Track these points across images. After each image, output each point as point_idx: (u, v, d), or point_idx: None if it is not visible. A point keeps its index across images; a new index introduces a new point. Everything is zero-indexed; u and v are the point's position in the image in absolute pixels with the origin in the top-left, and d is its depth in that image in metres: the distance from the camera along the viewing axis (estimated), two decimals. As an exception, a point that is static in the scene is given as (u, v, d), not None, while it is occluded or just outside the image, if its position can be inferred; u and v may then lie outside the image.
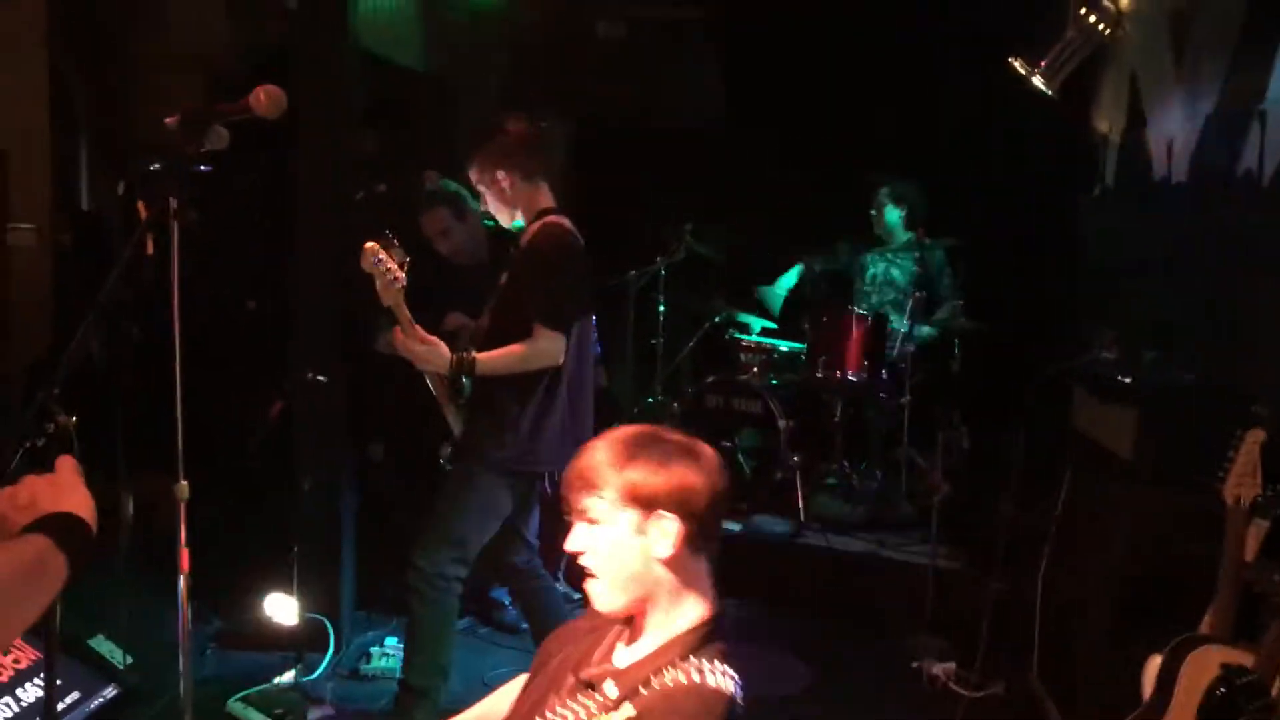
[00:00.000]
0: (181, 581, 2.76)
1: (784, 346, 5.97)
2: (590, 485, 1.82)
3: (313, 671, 4.07)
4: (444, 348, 3.35)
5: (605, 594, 1.86)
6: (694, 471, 1.80)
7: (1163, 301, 4.37)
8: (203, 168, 2.29)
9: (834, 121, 6.04)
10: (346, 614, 4.31)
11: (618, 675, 1.81)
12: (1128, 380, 3.41)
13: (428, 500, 3.61)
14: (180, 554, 2.71)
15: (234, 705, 3.79)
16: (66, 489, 1.48)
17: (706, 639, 1.81)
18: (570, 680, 1.89)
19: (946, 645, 4.29)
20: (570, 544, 1.86)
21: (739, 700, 1.77)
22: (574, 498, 1.85)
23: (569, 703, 1.84)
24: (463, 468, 3.54)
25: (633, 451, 1.82)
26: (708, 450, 1.86)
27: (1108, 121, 5.42)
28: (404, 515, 4.32)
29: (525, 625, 4.10)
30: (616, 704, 1.77)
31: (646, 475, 1.80)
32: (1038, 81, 5.04)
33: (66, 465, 1.54)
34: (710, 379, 5.79)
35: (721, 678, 1.76)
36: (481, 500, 3.50)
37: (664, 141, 6.52)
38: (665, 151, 6.48)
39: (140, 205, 2.12)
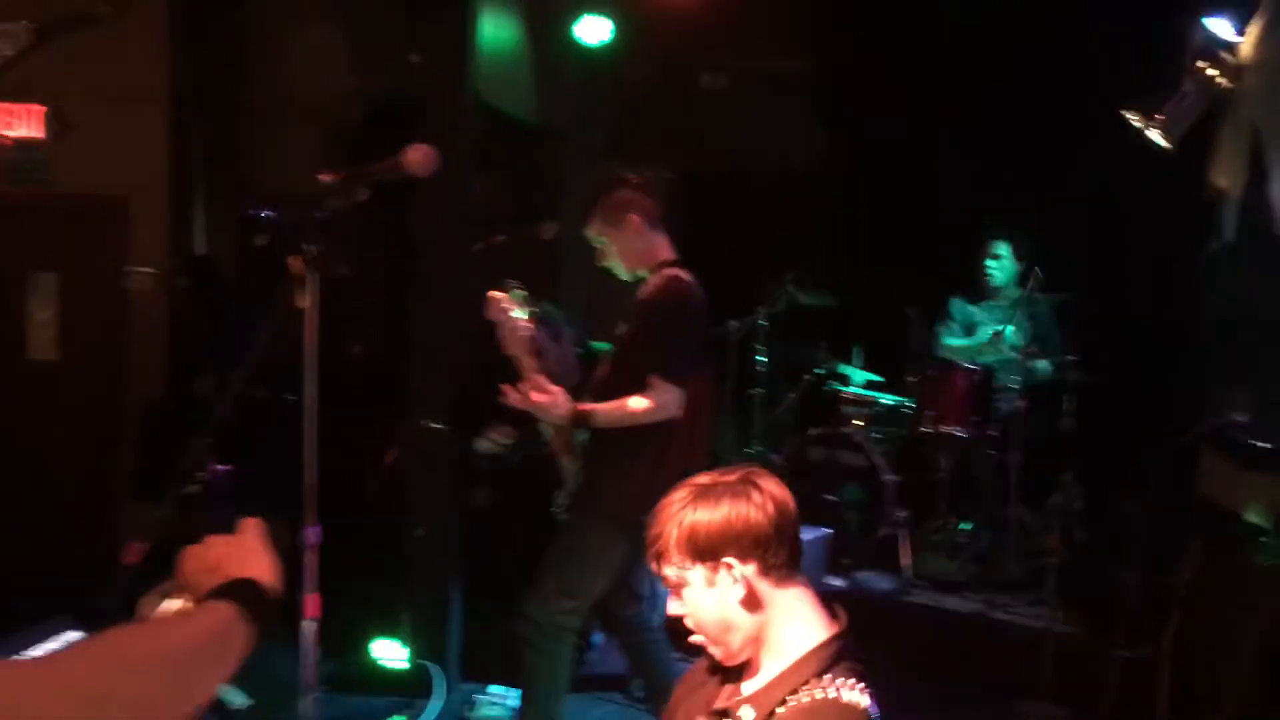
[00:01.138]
0: (307, 627, 2.80)
1: (887, 400, 5.90)
2: (660, 553, 1.86)
3: (419, 716, 4.08)
4: (564, 398, 3.36)
5: (714, 650, 1.89)
6: (742, 506, 1.82)
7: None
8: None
9: (941, 172, 5.99)
10: (453, 660, 4.32)
11: (752, 700, 1.81)
12: (1267, 446, 3.30)
13: (536, 549, 3.62)
14: (306, 599, 2.74)
15: (345, 749, 3.82)
16: (252, 553, 1.48)
17: (835, 657, 1.81)
18: (701, 719, 1.89)
19: (1063, 713, 4.16)
20: (669, 611, 1.91)
21: (875, 717, 1.76)
22: (654, 568, 1.90)
23: None
24: (577, 518, 3.54)
25: (686, 507, 1.85)
26: (760, 477, 1.87)
27: (1226, 176, 5.29)
28: (511, 563, 4.33)
29: (630, 676, 4.07)
30: None
31: (697, 526, 1.82)
32: (1154, 134, 4.96)
33: (251, 527, 1.53)
34: (813, 431, 5.74)
35: (857, 694, 1.76)
36: (595, 551, 3.49)
37: (767, 192, 6.54)
38: (767, 202, 6.49)
39: (292, 259, 2.15)
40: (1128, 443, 4.61)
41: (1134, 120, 4.94)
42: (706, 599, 1.84)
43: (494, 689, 4.27)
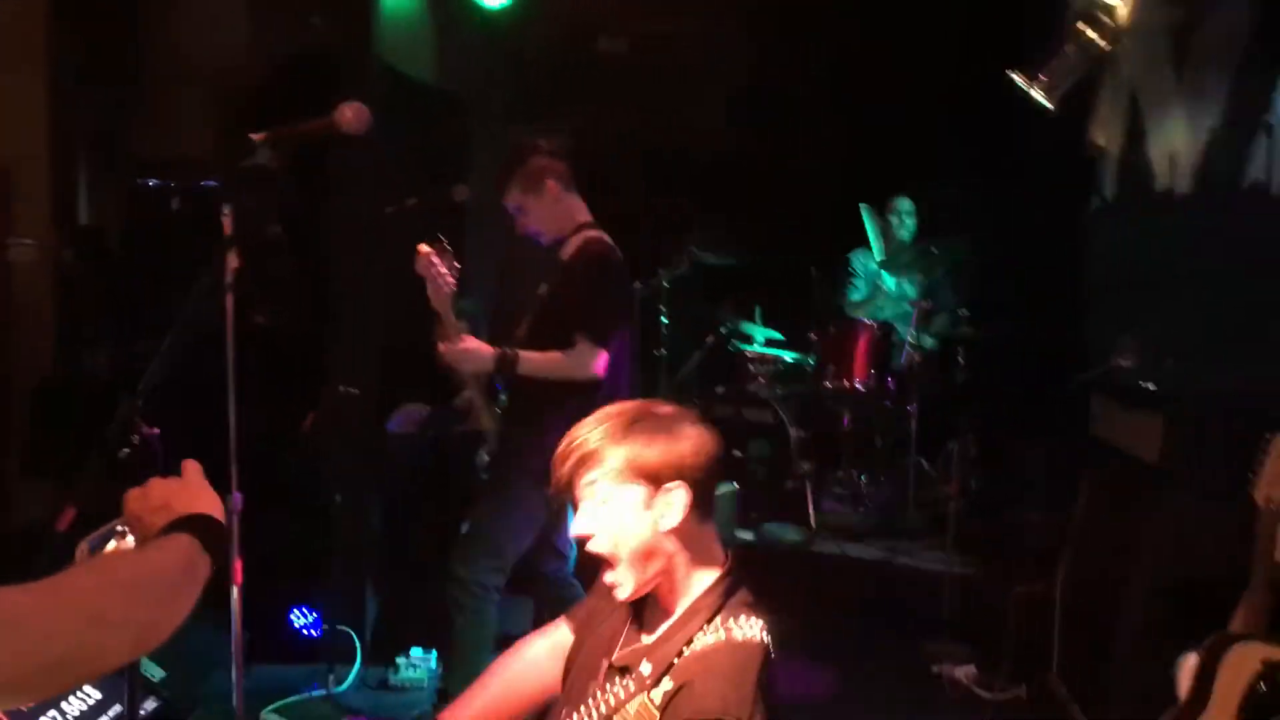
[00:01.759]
0: (235, 592, 2.79)
1: (789, 357, 6.04)
2: (589, 463, 1.82)
3: (341, 683, 4.08)
4: (487, 349, 3.40)
5: (623, 577, 1.86)
6: (691, 439, 1.84)
7: (1174, 310, 4.45)
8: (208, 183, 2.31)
9: (838, 135, 6.12)
10: (371, 625, 4.32)
11: (649, 652, 1.83)
12: (1151, 387, 3.49)
13: (456, 511, 3.65)
14: (233, 565, 2.73)
15: (268, 716, 3.80)
16: (198, 490, 1.52)
17: (727, 594, 1.84)
18: (605, 665, 1.90)
19: (966, 650, 4.35)
20: (576, 528, 1.86)
21: (770, 645, 1.80)
22: (573, 477, 1.84)
23: (607, 689, 1.85)
24: (499, 478, 3.58)
25: (629, 426, 1.83)
26: (696, 418, 1.89)
27: (1106, 135, 5.52)
28: (428, 526, 4.35)
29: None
30: (655, 680, 1.78)
31: (646, 447, 1.81)
32: (1037, 94, 5.15)
33: (192, 468, 1.57)
34: (720, 389, 5.85)
35: (750, 628, 1.80)
36: (518, 509, 3.53)
37: (668, 155, 6.60)
38: (669, 165, 6.56)
39: (225, 221, 2.13)
40: (1021, 391, 4.82)
41: (1019, 80, 5.13)
42: (633, 521, 1.81)
43: (415, 652, 4.28)
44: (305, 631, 4.24)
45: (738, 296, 6.26)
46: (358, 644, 4.17)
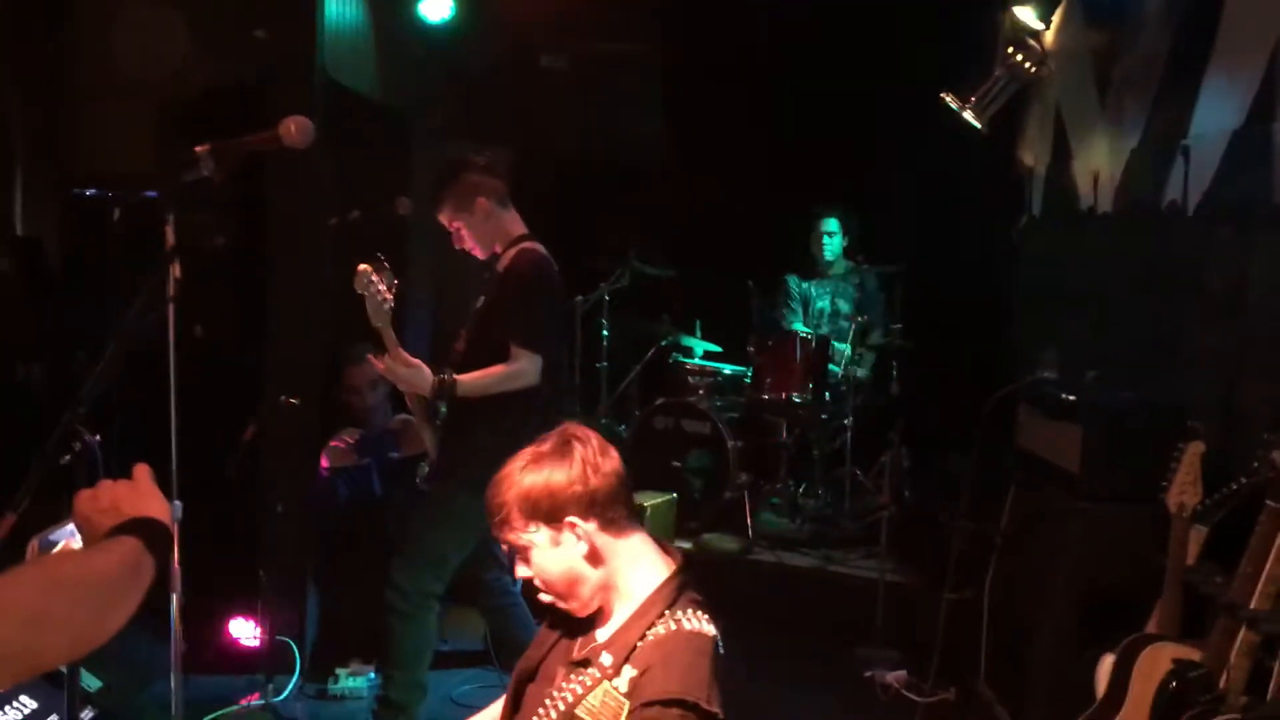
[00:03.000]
0: (174, 602, 2.81)
1: (727, 369, 6.14)
2: (497, 521, 1.95)
3: (280, 693, 4.08)
4: (426, 370, 3.45)
5: (568, 605, 2.00)
6: (571, 468, 1.92)
7: (1096, 324, 4.61)
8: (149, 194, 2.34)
9: (774, 153, 6.24)
10: (311, 635, 4.33)
11: (608, 645, 1.93)
12: (1071, 398, 3.62)
13: (397, 519, 3.68)
14: (173, 575, 2.74)
15: (207, 727, 3.80)
16: (146, 494, 1.54)
17: (678, 591, 1.95)
18: (562, 671, 1.99)
19: (897, 655, 4.46)
20: (518, 574, 2.01)
21: (718, 639, 1.92)
22: (498, 536, 1.98)
23: (564, 686, 1.94)
24: (439, 487, 3.62)
25: (521, 471, 1.95)
26: (583, 437, 1.97)
27: (1033, 155, 5.70)
28: (370, 535, 4.37)
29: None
30: (616, 669, 1.88)
31: (532, 490, 1.92)
32: (968, 116, 5.31)
33: (143, 472, 1.60)
34: (659, 401, 5.93)
35: (701, 622, 1.91)
36: (458, 518, 3.57)
37: (608, 170, 6.69)
38: (609, 180, 6.64)
39: (167, 233, 2.17)
40: (950, 403, 4.93)
41: (952, 103, 5.30)
42: (552, 558, 1.94)
43: (356, 664, 4.29)
44: (244, 641, 4.24)
45: (677, 310, 6.35)
46: (297, 654, 4.18)
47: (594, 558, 1.94)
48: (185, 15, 4.52)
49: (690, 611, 1.92)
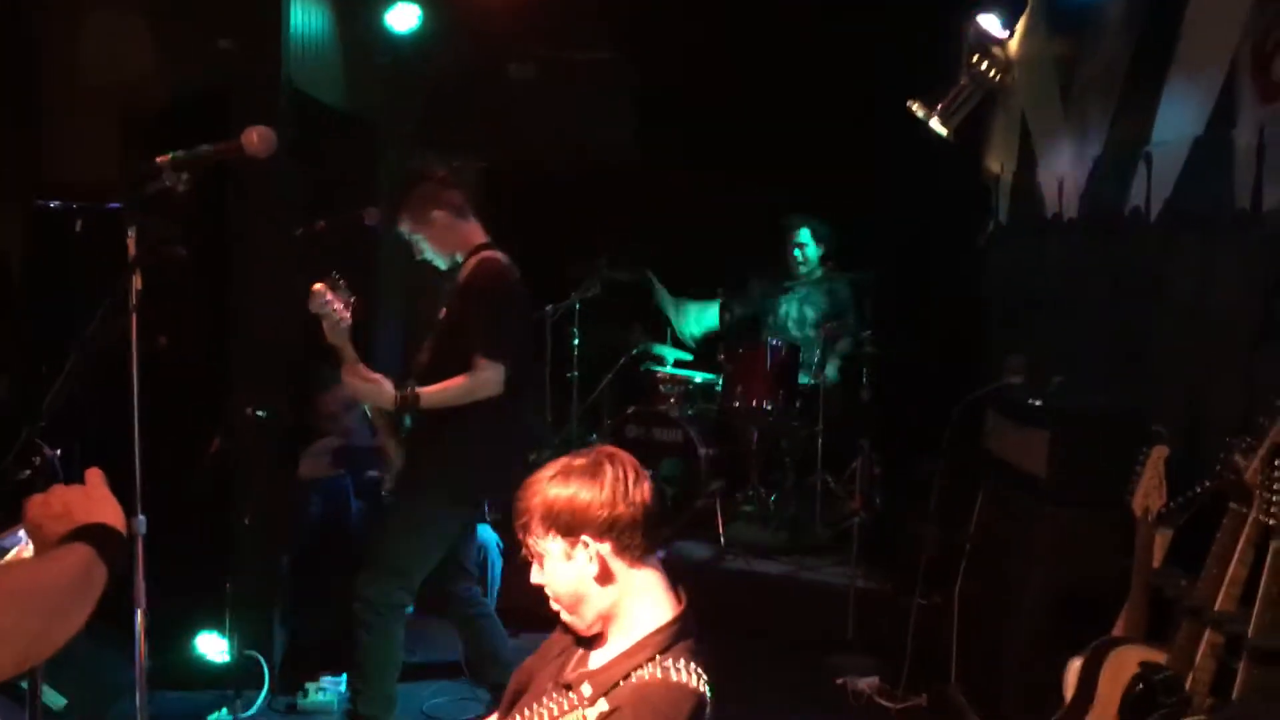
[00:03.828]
0: (139, 617, 2.77)
1: (698, 378, 6.15)
2: (525, 525, 1.97)
3: (248, 708, 4.05)
4: (388, 384, 3.43)
5: (571, 619, 2.00)
6: (597, 488, 1.93)
7: (1063, 330, 4.65)
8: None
9: (744, 160, 6.26)
10: (279, 650, 4.30)
11: (593, 676, 1.92)
12: (1038, 404, 3.64)
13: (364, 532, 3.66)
14: (137, 589, 2.71)
15: (174, 744, 3.76)
16: (99, 500, 1.52)
17: (674, 638, 1.92)
18: (550, 688, 1.99)
19: (869, 661, 4.47)
20: (533, 578, 2.01)
21: (708, 696, 1.89)
22: (520, 538, 2.00)
23: (545, 702, 1.94)
24: (405, 498, 3.60)
25: (552, 480, 1.96)
26: (617, 460, 1.98)
27: (999, 162, 5.74)
28: (340, 549, 4.34)
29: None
30: (591, 701, 1.87)
31: (556, 502, 1.93)
32: (935, 124, 5.35)
33: (95, 477, 1.57)
34: (630, 409, 5.93)
35: (690, 675, 1.87)
36: (425, 530, 3.56)
37: (577, 178, 6.69)
38: (578, 188, 6.64)
39: (130, 244, 2.15)
40: (920, 410, 4.96)
41: (918, 111, 5.33)
42: (563, 571, 1.95)
43: (325, 677, 4.26)
44: (212, 657, 4.19)
45: (648, 319, 6.35)
46: (265, 668, 4.14)
47: (604, 579, 1.94)
48: (149, 25, 4.48)
49: (683, 662, 1.89)
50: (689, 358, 6.31)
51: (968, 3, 5.28)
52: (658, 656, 1.89)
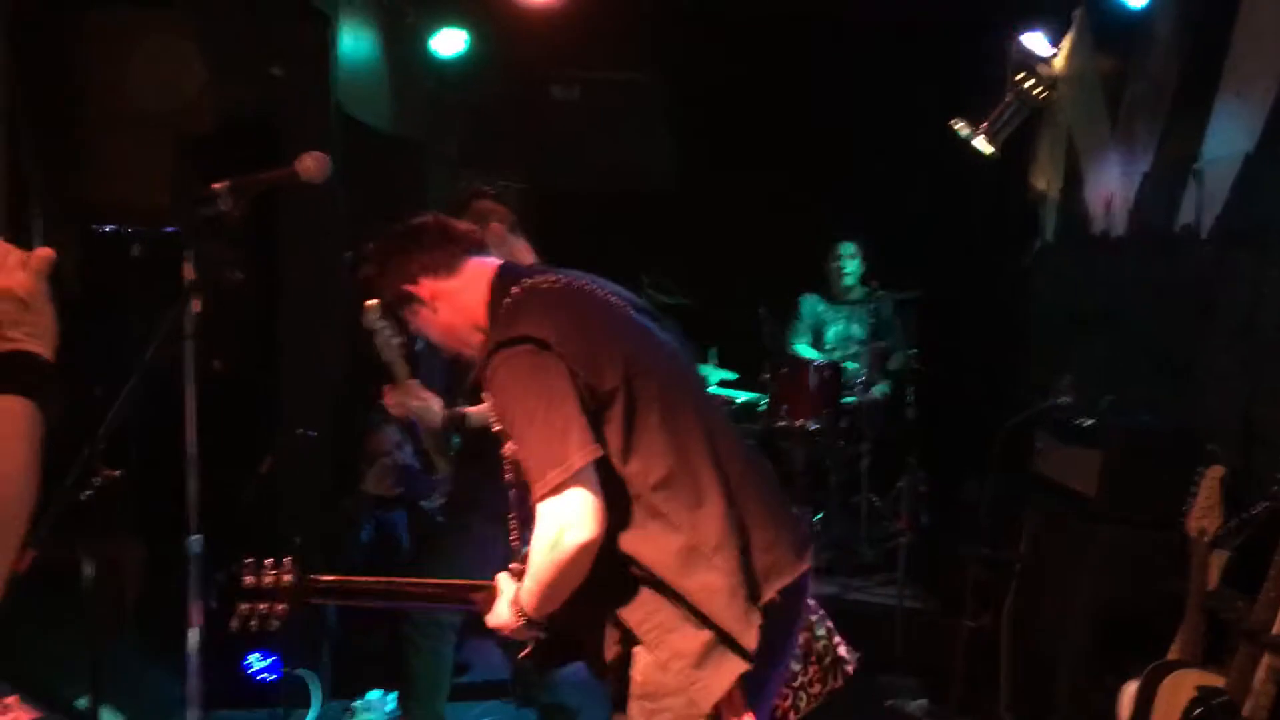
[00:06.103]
0: (193, 635, 2.81)
1: (741, 397, 6.14)
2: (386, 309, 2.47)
3: (297, 728, 4.08)
4: (437, 403, 3.45)
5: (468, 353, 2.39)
6: (393, 249, 2.38)
7: (1110, 348, 4.60)
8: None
9: (787, 179, 6.26)
10: (329, 669, 4.32)
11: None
12: (1088, 423, 3.61)
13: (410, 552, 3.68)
14: (192, 607, 2.75)
15: (226, 762, 3.79)
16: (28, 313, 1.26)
17: (503, 278, 2.29)
18: None
19: (918, 684, 4.43)
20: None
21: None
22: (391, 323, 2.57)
23: None
24: (454, 518, 3.62)
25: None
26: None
27: (1045, 180, 5.71)
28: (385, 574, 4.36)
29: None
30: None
31: (380, 285, 2.38)
32: (979, 143, 5.32)
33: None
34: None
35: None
36: (473, 549, 3.56)
37: (620, 199, 6.72)
38: (621, 209, 6.67)
39: (186, 268, 2.19)
40: (967, 429, 4.93)
41: (962, 130, 5.31)
42: (427, 325, 2.27)
43: (372, 695, 4.28)
44: (262, 676, 4.23)
45: (693, 339, 6.34)
46: (314, 687, 4.16)
47: (448, 304, 2.31)
48: (200, 51, 4.56)
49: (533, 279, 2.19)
50: (734, 377, 6.30)
51: (1011, 21, 5.26)
52: (505, 300, 2.14)
